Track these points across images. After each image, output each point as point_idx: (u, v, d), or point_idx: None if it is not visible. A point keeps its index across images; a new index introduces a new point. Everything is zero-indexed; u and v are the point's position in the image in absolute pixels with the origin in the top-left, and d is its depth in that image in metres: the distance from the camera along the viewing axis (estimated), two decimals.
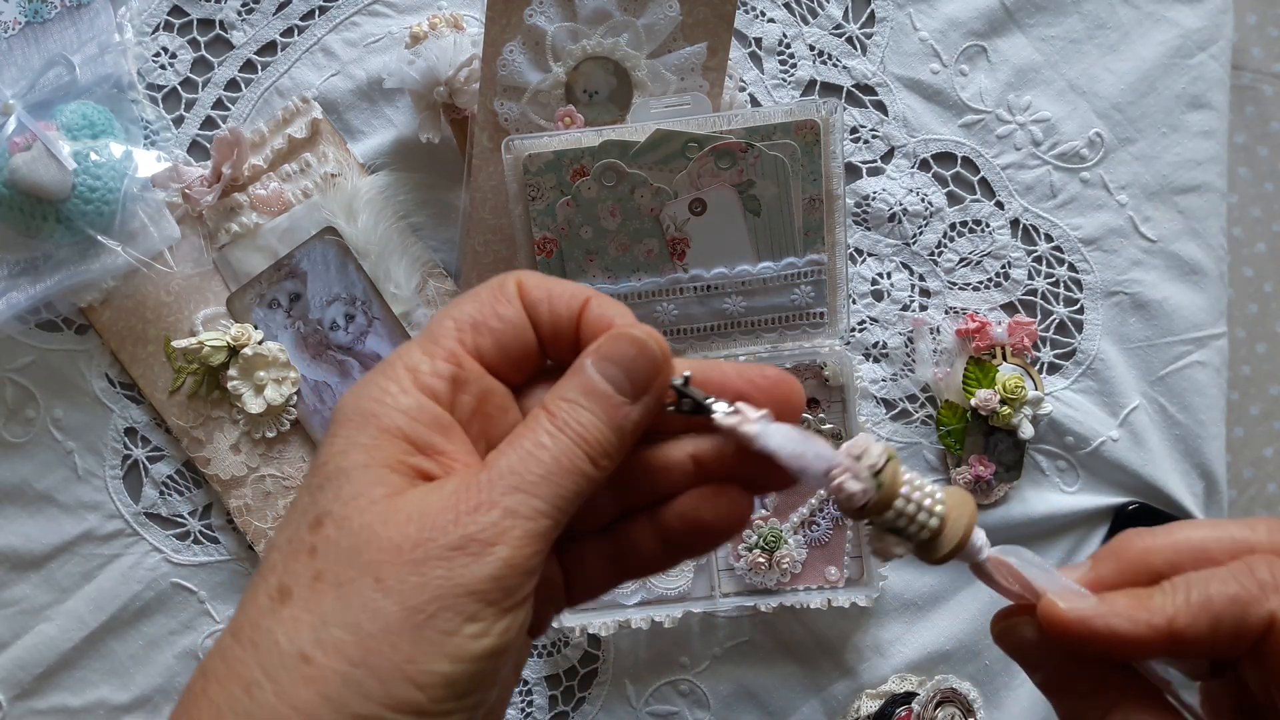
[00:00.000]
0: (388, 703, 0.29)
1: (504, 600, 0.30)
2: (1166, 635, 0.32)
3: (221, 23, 0.75)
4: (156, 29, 0.75)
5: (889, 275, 0.76)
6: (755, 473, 0.35)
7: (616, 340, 0.34)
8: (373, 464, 0.31)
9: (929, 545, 0.35)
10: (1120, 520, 0.75)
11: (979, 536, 0.35)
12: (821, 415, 0.73)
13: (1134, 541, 0.35)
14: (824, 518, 0.72)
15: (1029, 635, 0.34)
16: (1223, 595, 0.32)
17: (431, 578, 0.29)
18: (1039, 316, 0.76)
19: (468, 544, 0.30)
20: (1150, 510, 0.75)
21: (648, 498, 0.36)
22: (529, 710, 0.74)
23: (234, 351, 0.72)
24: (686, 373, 0.35)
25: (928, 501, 0.34)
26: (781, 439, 0.34)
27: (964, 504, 0.35)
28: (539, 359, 0.36)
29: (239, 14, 0.75)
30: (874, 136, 0.76)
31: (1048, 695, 0.35)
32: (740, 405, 0.35)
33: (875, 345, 0.76)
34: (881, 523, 0.35)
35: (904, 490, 0.34)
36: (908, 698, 0.71)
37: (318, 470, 0.32)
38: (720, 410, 0.35)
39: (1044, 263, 0.76)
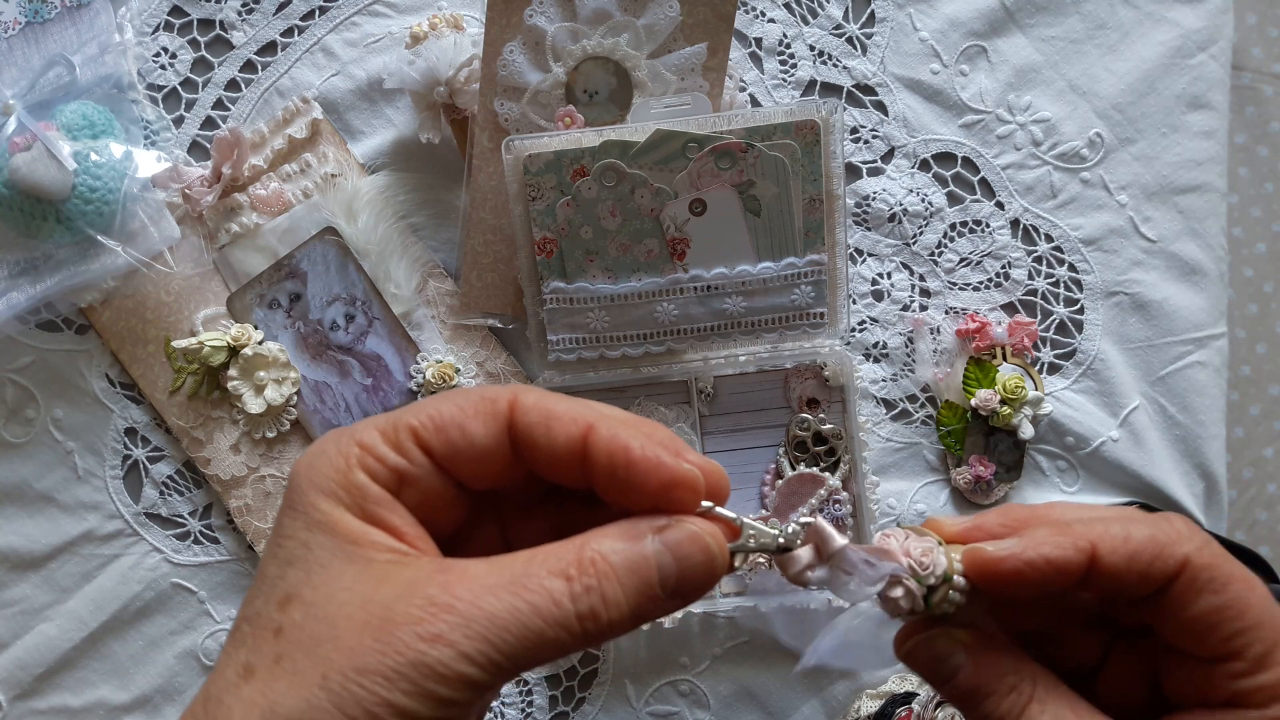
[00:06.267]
0: None
1: None
2: (1089, 560, 0.34)
3: (221, 23, 0.75)
4: (156, 29, 0.75)
5: (889, 275, 0.76)
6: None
7: (691, 541, 0.32)
8: (338, 545, 0.32)
9: (945, 617, 0.36)
10: None
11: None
12: (821, 415, 0.73)
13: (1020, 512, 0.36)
14: (824, 518, 0.72)
15: (944, 645, 0.36)
16: (1142, 533, 0.34)
17: (369, 691, 0.30)
18: (1039, 316, 0.76)
19: (413, 670, 0.30)
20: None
21: None
22: (529, 710, 0.74)
23: (234, 351, 0.72)
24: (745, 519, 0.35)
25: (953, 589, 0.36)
26: (855, 556, 0.34)
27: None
28: (509, 475, 0.35)
29: (239, 14, 0.75)
30: (874, 136, 0.76)
31: (968, 702, 0.35)
32: (815, 533, 0.35)
33: (875, 345, 0.76)
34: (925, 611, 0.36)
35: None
36: (908, 698, 0.71)
37: (284, 542, 0.33)
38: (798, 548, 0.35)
39: (1044, 263, 0.76)
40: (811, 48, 0.76)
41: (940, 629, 0.36)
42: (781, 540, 0.35)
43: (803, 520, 0.35)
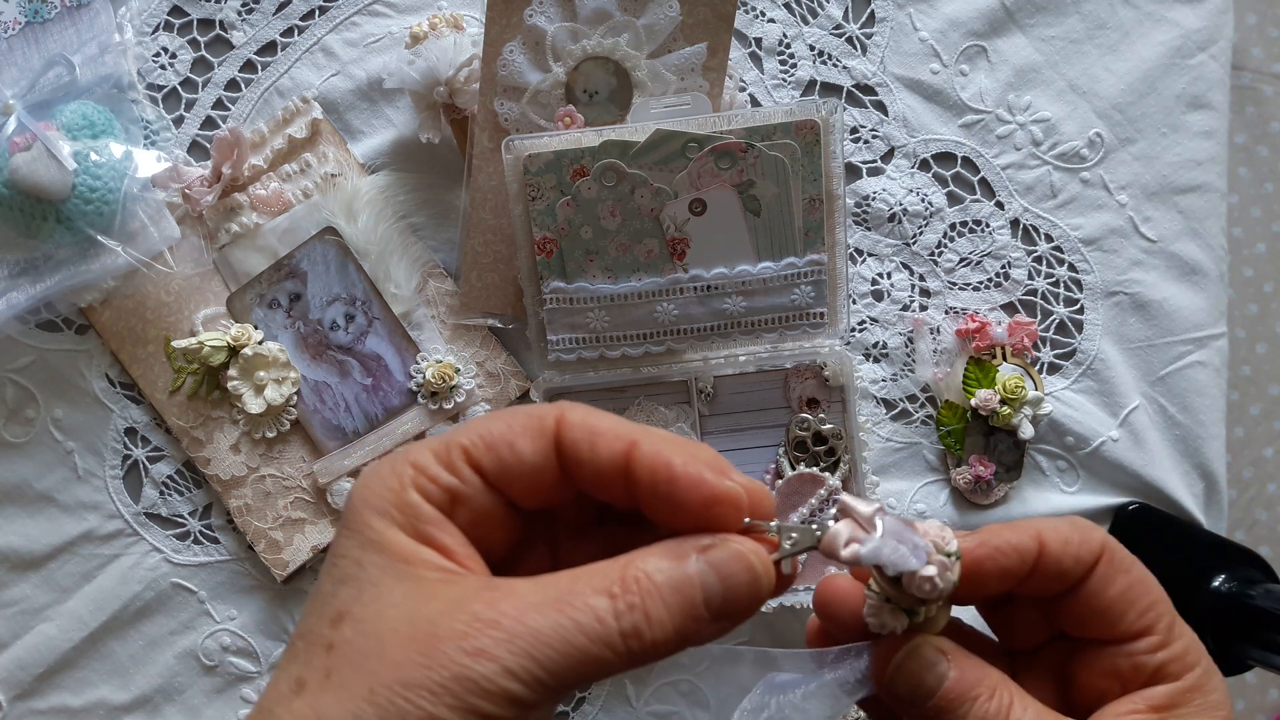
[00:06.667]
0: None
1: None
2: (1039, 546, 0.37)
3: (221, 23, 0.75)
4: (156, 29, 0.75)
5: (889, 275, 0.76)
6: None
7: (736, 560, 0.33)
8: (389, 563, 0.32)
9: (927, 622, 0.37)
10: (1121, 520, 0.75)
11: None
12: (821, 415, 0.73)
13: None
14: (824, 518, 0.72)
15: (929, 653, 0.37)
16: (1065, 524, 0.38)
17: (414, 705, 0.30)
18: (1039, 316, 0.76)
19: (456, 684, 0.30)
20: (1150, 510, 0.75)
21: None
22: None
23: (234, 351, 0.72)
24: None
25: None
26: (892, 522, 0.35)
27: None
28: (558, 493, 0.35)
29: (239, 14, 0.75)
30: (874, 136, 0.76)
31: (950, 711, 0.36)
32: (845, 508, 0.35)
33: (875, 345, 0.76)
34: (916, 607, 0.36)
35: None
36: None
37: (338, 561, 0.33)
38: (840, 530, 0.35)
39: (1044, 263, 0.76)
40: (811, 48, 0.76)
41: (920, 637, 0.37)
42: (819, 534, 0.35)
43: (833, 508, 0.36)
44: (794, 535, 0.34)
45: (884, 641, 0.37)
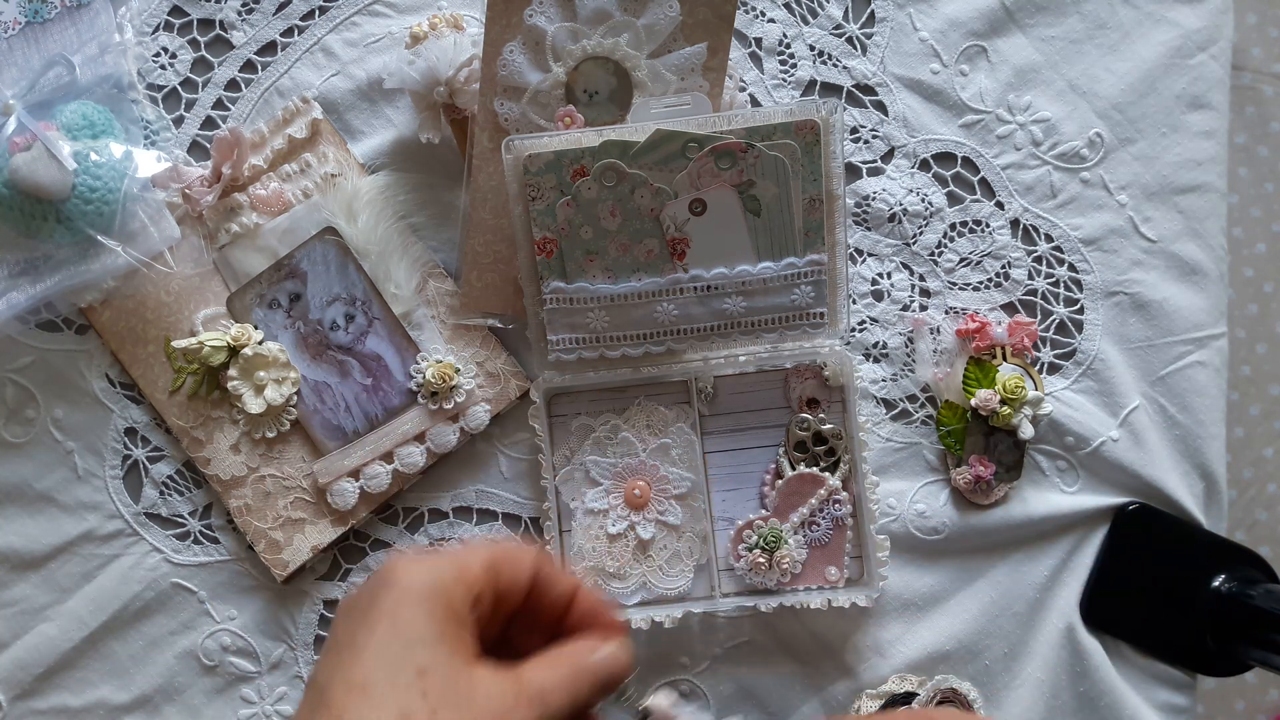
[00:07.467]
0: None
1: None
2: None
3: (221, 23, 0.76)
4: (156, 29, 0.75)
5: (889, 275, 0.76)
6: None
7: (614, 658, 0.47)
8: (456, 652, 0.41)
9: None
10: (1121, 520, 0.75)
11: None
12: (821, 415, 0.73)
13: None
14: (824, 518, 0.72)
15: None
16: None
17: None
18: (1039, 316, 0.76)
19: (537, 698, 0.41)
20: (1150, 510, 0.75)
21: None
22: None
23: (234, 351, 0.72)
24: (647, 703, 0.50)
25: None
26: None
27: None
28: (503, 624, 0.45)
29: (239, 14, 0.75)
30: (874, 136, 0.76)
31: None
32: None
33: (875, 345, 0.76)
34: None
35: None
36: (908, 698, 0.71)
37: (404, 628, 0.40)
38: None
39: (1044, 263, 0.76)
40: (811, 48, 0.76)
41: None
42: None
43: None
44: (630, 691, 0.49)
45: None
